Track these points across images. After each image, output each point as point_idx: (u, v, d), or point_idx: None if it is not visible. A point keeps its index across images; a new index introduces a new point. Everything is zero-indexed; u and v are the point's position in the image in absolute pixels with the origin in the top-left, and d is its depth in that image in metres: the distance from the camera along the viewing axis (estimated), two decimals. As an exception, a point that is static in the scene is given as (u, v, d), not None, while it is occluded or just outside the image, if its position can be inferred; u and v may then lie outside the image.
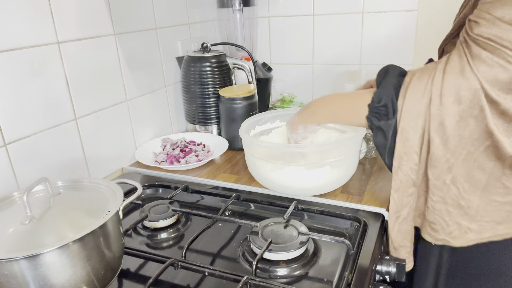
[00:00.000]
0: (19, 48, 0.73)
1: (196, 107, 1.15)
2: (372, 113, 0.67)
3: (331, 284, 0.61)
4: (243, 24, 1.31)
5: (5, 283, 0.49)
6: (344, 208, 0.79)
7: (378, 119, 0.67)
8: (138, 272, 0.66)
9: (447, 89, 0.59)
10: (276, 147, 0.84)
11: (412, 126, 0.63)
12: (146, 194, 0.93)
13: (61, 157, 0.84)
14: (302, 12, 1.36)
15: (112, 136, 0.98)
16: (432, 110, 0.61)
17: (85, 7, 0.86)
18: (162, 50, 1.14)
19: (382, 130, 0.67)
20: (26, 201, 0.54)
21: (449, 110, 0.60)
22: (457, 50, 0.60)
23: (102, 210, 0.57)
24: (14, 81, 0.73)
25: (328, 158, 0.80)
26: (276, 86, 1.44)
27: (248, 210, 0.84)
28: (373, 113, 0.67)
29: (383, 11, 1.26)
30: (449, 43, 0.74)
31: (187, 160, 1.00)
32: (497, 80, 0.56)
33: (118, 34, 0.96)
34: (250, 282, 0.59)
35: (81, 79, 0.87)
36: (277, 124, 1.00)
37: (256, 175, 0.87)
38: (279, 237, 0.68)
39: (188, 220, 0.81)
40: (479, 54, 0.57)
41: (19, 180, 0.76)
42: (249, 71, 1.15)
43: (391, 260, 0.68)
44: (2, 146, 0.72)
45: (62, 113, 0.84)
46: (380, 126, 0.66)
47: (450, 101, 0.59)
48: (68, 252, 0.50)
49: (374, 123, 0.67)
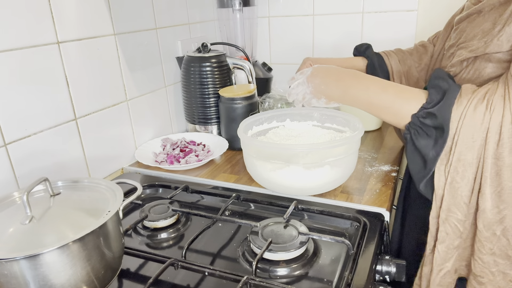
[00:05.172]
0: (19, 48, 0.73)
1: (196, 107, 1.15)
2: (414, 126, 0.61)
3: (331, 284, 0.61)
4: (243, 24, 1.31)
5: (5, 283, 0.49)
6: (344, 208, 0.79)
7: (420, 137, 0.60)
8: (138, 272, 0.66)
9: (507, 128, 0.54)
10: (276, 147, 0.84)
11: (465, 175, 0.58)
12: (146, 194, 0.93)
13: (61, 157, 0.84)
14: (302, 12, 1.36)
15: (112, 136, 0.98)
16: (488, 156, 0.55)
17: (85, 7, 0.86)
18: (162, 50, 1.14)
19: (421, 153, 0.61)
20: (26, 201, 0.54)
21: (508, 160, 0.55)
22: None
23: (102, 210, 0.57)
24: (14, 81, 0.73)
25: (327, 158, 0.80)
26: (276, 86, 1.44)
27: (248, 210, 0.84)
28: (415, 126, 0.61)
29: (383, 11, 1.26)
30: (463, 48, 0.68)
31: (187, 160, 1.00)
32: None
33: (118, 34, 0.96)
34: (250, 282, 0.59)
35: (81, 79, 0.87)
36: (274, 124, 1.00)
37: (255, 176, 0.87)
38: (279, 237, 0.68)
39: (188, 220, 0.81)
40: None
41: (19, 180, 0.76)
42: (249, 71, 1.15)
43: (391, 260, 0.68)
44: (2, 146, 0.72)
45: (62, 113, 0.84)
46: (419, 148, 0.60)
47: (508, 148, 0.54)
48: (68, 252, 0.50)
49: (414, 141, 0.61)
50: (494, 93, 0.56)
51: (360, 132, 0.81)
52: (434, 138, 0.60)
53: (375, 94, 0.67)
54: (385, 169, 0.94)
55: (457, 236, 0.63)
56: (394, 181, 0.89)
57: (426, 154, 0.61)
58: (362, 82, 0.70)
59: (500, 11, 0.62)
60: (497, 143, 0.55)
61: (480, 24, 0.66)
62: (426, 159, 0.61)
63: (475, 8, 0.68)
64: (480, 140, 0.56)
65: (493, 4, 0.64)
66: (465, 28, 0.70)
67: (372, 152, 1.04)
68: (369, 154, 1.03)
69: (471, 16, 0.70)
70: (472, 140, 0.57)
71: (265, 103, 1.25)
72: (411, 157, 0.63)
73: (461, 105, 0.57)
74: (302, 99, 0.78)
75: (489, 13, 0.65)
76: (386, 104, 0.66)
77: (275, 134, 0.97)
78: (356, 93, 0.70)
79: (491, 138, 0.55)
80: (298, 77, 0.79)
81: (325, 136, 0.93)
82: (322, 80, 0.74)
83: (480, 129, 0.56)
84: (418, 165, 0.63)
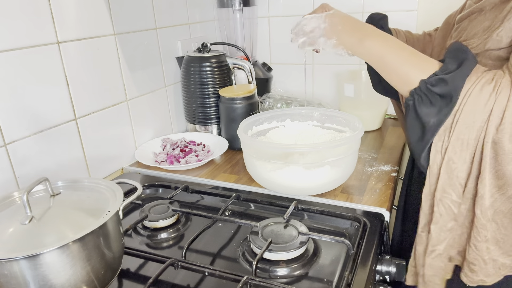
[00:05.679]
0: (19, 48, 0.73)
1: (196, 107, 1.15)
2: (420, 92, 0.59)
3: (331, 284, 0.61)
4: (243, 24, 1.31)
5: (5, 283, 0.49)
6: (344, 208, 0.79)
7: (423, 105, 0.58)
8: (138, 272, 0.66)
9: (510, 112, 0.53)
10: (276, 147, 0.84)
11: (461, 155, 0.58)
12: (146, 194, 0.93)
13: (61, 157, 0.84)
14: (302, 12, 1.35)
15: (112, 136, 0.98)
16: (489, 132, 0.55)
17: (85, 7, 0.86)
18: (162, 50, 1.14)
19: (421, 121, 0.59)
20: (26, 201, 0.54)
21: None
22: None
23: (102, 210, 0.57)
24: (14, 81, 0.73)
25: (327, 158, 0.80)
26: (276, 86, 1.44)
27: (248, 210, 0.84)
28: (421, 93, 0.59)
29: (383, 11, 1.26)
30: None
31: (187, 160, 1.00)
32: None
33: (118, 34, 0.96)
34: (250, 282, 0.59)
35: (81, 79, 0.87)
36: (274, 124, 1.00)
37: (255, 176, 0.87)
38: (279, 237, 0.68)
39: (188, 220, 0.81)
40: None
41: (19, 180, 0.76)
42: (249, 71, 1.15)
43: (391, 260, 0.68)
44: (2, 146, 0.72)
45: (62, 113, 0.84)
46: (420, 115, 0.59)
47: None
48: (68, 252, 0.50)
49: (416, 107, 0.59)
50: (502, 77, 0.56)
51: (360, 132, 0.81)
52: (438, 107, 0.58)
53: (389, 50, 0.65)
54: (385, 169, 0.94)
55: (450, 218, 0.62)
56: (394, 181, 0.89)
57: (426, 122, 0.59)
58: (380, 35, 0.67)
59: (501, 9, 0.62)
60: (497, 127, 0.55)
61: (481, 22, 0.65)
62: (426, 126, 0.59)
63: (476, 7, 0.68)
64: (480, 122, 0.56)
65: (494, 2, 0.64)
66: (466, 26, 0.70)
67: (372, 152, 1.04)
68: (369, 154, 1.03)
69: (472, 14, 0.69)
70: (473, 120, 0.56)
71: (265, 103, 1.25)
72: (411, 125, 0.61)
73: (469, 82, 0.56)
74: (310, 31, 0.73)
75: (490, 11, 0.64)
76: (398, 63, 0.63)
77: (275, 134, 0.97)
78: (371, 45, 0.66)
79: (492, 121, 0.55)
80: (316, 13, 0.74)
81: (325, 136, 0.93)
82: (341, 20, 0.71)
83: (483, 111, 0.55)
84: (416, 135, 0.61)
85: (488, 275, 0.63)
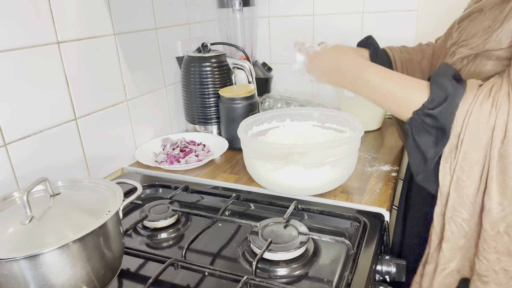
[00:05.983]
0: (19, 48, 0.73)
1: (196, 107, 1.15)
2: (415, 123, 0.60)
3: (331, 284, 0.61)
4: (243, 24, 1.31)
5: (5, 283, 0.49)
6: (344, 208, 0.79)
7: (421, 134, 0.59)
8: (138, 272, 0.66)
9: None
10: (276, 147, 0.84)
11: (470, 174, 0.58)
12: (146, 194, 0.93)
13: (61, 157, 0.84)
14: (302, 12, 1.36)
15: (112, 136, 0.98)
16: (493, 152, 0.55)
17: (85, 7, 0.86)
18: (162, 50, 1.14)
19: (420, 149, 0.60)
20: (26, 201, 0.54)
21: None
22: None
23: (102, 210, 0.57)
24: (14, 81, 0.73)
25: (327, 158, 0.80)
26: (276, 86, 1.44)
27: (248, 210, 0.84)
28: (416, 123, 0.60)
29: (383, 11, 1.26)
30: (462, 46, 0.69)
31: (187, 160, 1.00)
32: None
33: (118, 34, 0.96)
34: (250, 282, 0.59)
35: (81, 79, 0.87)
36: (274, 124, 1.00)
37: (255, 176, 0.87)
38: (279, 237, 0.68)
39: (188, 220, 0.81)
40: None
41: (19, 180, 0.76)
42: (249, 71, 1.15)
43: (391, 260, 0.68)
44: (2, 146, 0.72)
45: (62, 113, 0.84)
46: (419, 143, 0.60)
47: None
48: (68, 252, 0.50)
49: (414, 136, 0.60)
50: (499, 90, 0.56)
51: (360, 132, 0.81)
52: (435, 137, 0.60)
53: (375, 89, 0.66)
54: (385, 169, 0.94)
55: (462, 235, 0.62)
56: (394, 181, 0.89)
57: (426, 152, 0.61)
58: (353, 76, 0.69)
59: (501, 9, 0.62)
60: (502, 141, 0.55)
61: (481, 22, 0.66)
62: (426, 157, 0.61)
63: (477, 6, 0.68)
64: (486, 139, 0.56)
65: (494, 2, 0.64)
66: (466, 26, 0.70)
67: (372, 152, 1.04)
68: (369, 154, 1.03)
69: (472, 14, 0.70)
70: (478, 138, 0.57)
71: (265, 103, 1.25)
72: (411, 152, 0.63)
73: (466, 102, 0.57)
74: (299, 62, 0.79)
75: (490, 11, 0.65)
76: (387, 100, 0.65)
77: (275, 134, 0.97)
78: (348, 87, 0.71)
79: (497, 137, 0.55)
80: (300, 56, 0.79)
81: (325, 136, 0.93)
82: (321, 64, 0.75)
83: (486, 128, 0.56)
84: (417, 160, 0.63)
85: (500, 284, 0.63)
